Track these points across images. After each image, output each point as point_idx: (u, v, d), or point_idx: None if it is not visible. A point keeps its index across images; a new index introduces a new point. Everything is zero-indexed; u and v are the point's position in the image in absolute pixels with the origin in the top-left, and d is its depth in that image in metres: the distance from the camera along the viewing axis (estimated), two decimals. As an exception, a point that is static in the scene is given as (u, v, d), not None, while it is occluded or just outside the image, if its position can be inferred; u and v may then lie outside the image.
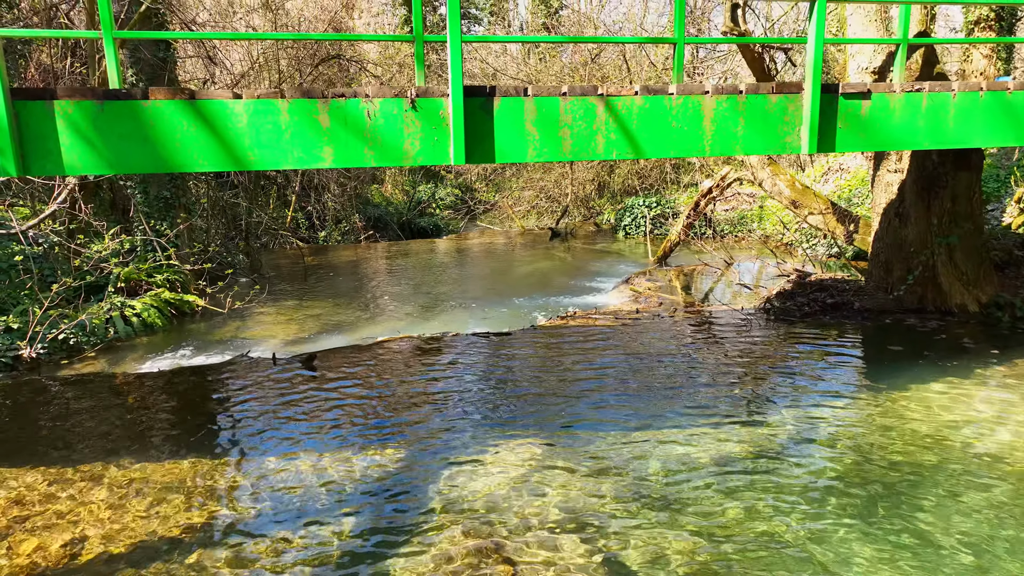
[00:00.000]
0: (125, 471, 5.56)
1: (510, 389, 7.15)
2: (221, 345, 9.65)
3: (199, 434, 6.27)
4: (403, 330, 9.85)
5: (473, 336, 9.11)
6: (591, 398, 6.80)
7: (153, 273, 11.30)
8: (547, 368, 7.79)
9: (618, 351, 8.30)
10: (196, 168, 4.80)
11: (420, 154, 5.12)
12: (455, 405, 6.74)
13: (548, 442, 5.85)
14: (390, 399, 6.97)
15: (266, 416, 6.61)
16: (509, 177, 31.16)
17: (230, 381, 7.68)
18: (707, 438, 5.87)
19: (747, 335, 8.86)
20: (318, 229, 22.79)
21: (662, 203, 20.01)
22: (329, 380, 7.53)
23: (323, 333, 10.24)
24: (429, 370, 7.84)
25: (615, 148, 5.47)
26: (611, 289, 12.34)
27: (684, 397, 6.77)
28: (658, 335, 9.00)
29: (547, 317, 10.10)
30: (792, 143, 5.78)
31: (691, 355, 8.09)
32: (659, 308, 10.19)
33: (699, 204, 13.12)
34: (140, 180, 12.73)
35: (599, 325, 9.44)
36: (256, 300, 11.69)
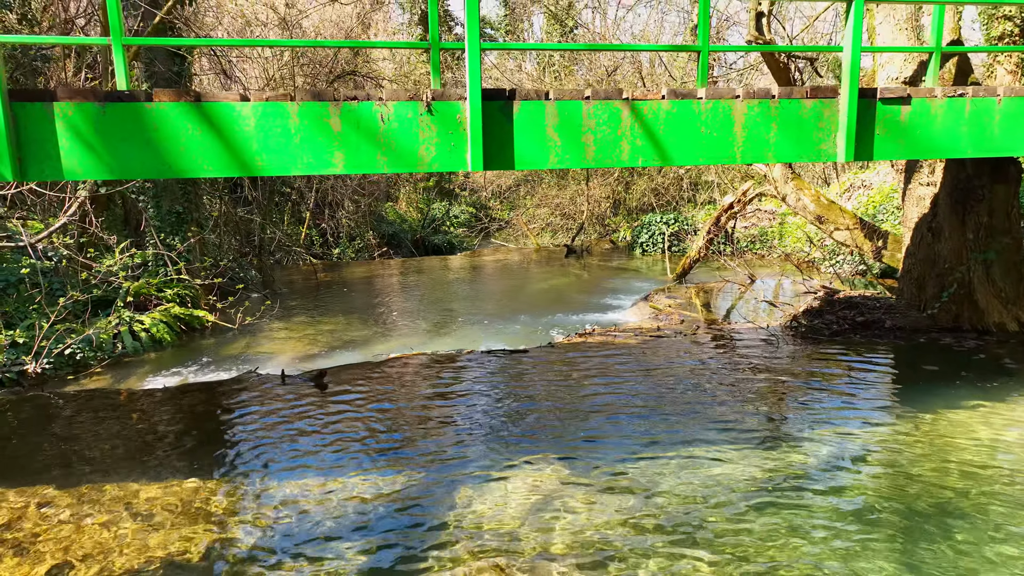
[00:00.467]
0: (123, 491, 5.29)
1: (526, 408, 6.83)
2: (230, 361, 9.42)
3: (203, 453, 5.99)
4: (416, 347, 9.57)
5: (487, 353, 8.81)
6: (611, 418, 6.47)
7: (163, 288, 11.12)
8: (565, 387, 7.47)
9: (639, 369, 7.96)
10: (202, 173, 4.57)
11: (436, 160, 4.87)
12: (469, 425, 6.42)
13: (566, 464, 5.51)
14: (402, 418, 6.68)
15: (273, 435, 6.33)
16: (524, 196, 31.07)
17: (237, 399, 7.42)
18: (733, 461, 5.51)
19: (773, 353, 8.49)
20: (332, 246, 22.69)
21: (680, 220, 19.70)
22: (339, 398, 7.25)
23: (334, 350, 9.98)
24: (442, 388, 7.54)
25: (641, 155, 5.20)
26: (630, 306, 12.01)
27: (708, 418, 6.41)
28: (680, 353, 8.65)
29: (564, 334, 9.79)
30: (827, 150, 5.49)
31: (715, 374, 7.74)
32: (680, 325, 9.85)
33: (720, 219, 12.80)
34: (153, 195, 12.63)
35: (619, 343, 9.11)
36: (267, 316, 11.48)
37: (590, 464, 5.52)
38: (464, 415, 6.69)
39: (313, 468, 5.60)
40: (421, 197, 31.44)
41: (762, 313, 10.63)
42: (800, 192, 11.18)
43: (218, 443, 6.25)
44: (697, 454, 5.66)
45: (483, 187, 33.33)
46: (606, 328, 9.87)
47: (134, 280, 10.86)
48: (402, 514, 4.85)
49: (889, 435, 6.02)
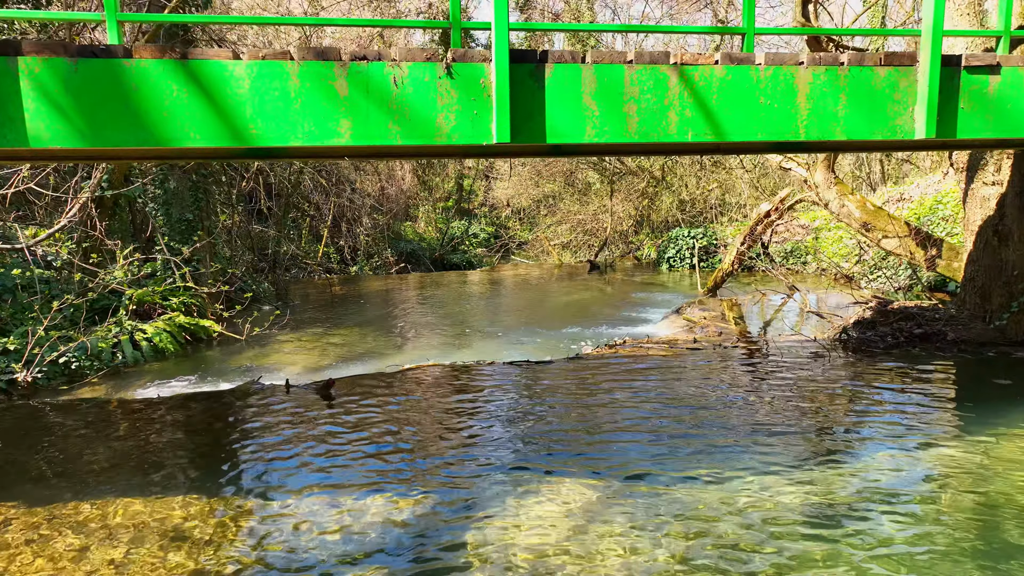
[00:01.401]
0: (100, 511, 4.64)
1: (551, 425, 6.11)
2: (234, 373, 8.81)
3: (195, 470, 5.34)
4: (432, 358, 8.90)
5: (509, 365, 8.11)
6: (646, 436, 5.72)
7: (168, 296, 10.59)
8: (594, 401, 6.74)
9: (675, 384, 7.22)
10: (187, 142, 3.97)
11: (456, 131, 4.24)
12: (489, 442, 5.71)
13: (600, 486, 4.78)
14: (417, 432, 5.98)
15: (275, 451, 5.67)
16: (544, 215, 30.55)
17: (237, 410, 6.78)
18: (781, 485, 4.75)
19: (823, 368, 7.70)
20: (349, 264, 22.24)
21: (708, 234, 18.95)
22: (348, 411, 6.58)
23: (346, 361, 9.34)
24: (460, 402, 6.85)
25: (690, 127, 4.53)
26: (660, 320, 11.27)
27: (753, 437, 5.65)
28: (720, 367, 7.89)
29: (592, 346, 9.06)
30: (903, 126, 4.78)
31: (760, 390, 6.97)
32: (718, 338, 9.09)
33: (755, 229, 12.07)
34: (163, 201, 12.19)
35: (653, 355, 8.37)
36: (276, 327, 10.89)
37: (626, 487, 4.79)
38: (485, 430, 5.98)
39: (318, 488, 4.91)
40: (440, 216, 31.06)
41: (807, 325, 9.84)
42: (844, 198, 10.43)
43: (212, 458, 5.59)
44: (745, 477, 4.90)
45: (503, 206, 32.91)
46: (638, 340, 9.13)
47: (138, 287, 10.34)
48: (414, 543, 4.14)
49: (959, 456, 5.22)
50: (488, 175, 34.71)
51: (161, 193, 12.20)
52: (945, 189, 15.18)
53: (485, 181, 35.04)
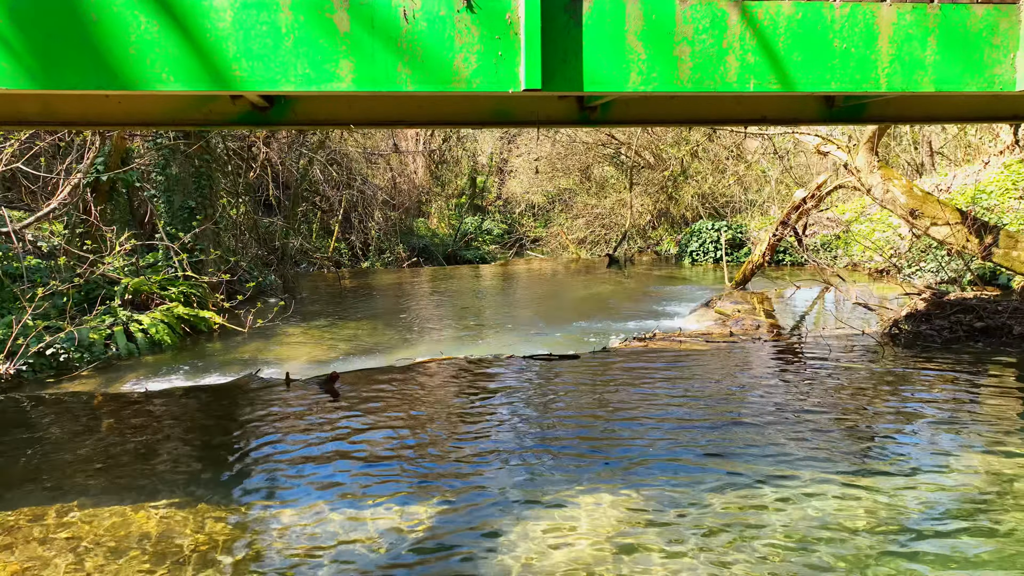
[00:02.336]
0: (78, 516, 4.03)
1: (579, 424, 5.44)
2: (234, 366, 8.21)
3: (181, 473, 4.72)
4: (446, 351, 8.25)
5: (530, 360, 7.44)
6: (684, 439, 5.04)
7: (167, 285, 10.01)
8: (625, 399, 6.06)
9: (713, 380, 6.53)
10: (158, 85, 3.34)
11: (477, 75, 3.57)
12: (509, 446, 5.05)
13: (635, 494, 4.11)
14: (426, 435, 5.33)
15: (270, 452, 5.04)
16: (559, 212, 29.91)
17: (232, 407, 6.17)
18: (844, 495, 4.06)
19: (872, 364, 6.98)
20: (361, 259, 21.70)
21: (733, 227, 18.18)
22: (352, 408, 5.94)
23: (353, 355, 8.72)
24: (475, 399, 6.19)
25: (753, 75, 3.84)
26: (688, 313, 10.56)
27: (801, 440, 4.95)
28: (762, 362, 7.19)
29: (620, 340, 8.37)
30: (1003, 76, 4.06)
31: (807, 387, 6.26)
32: (756, 331, 8.38)
33: (789, 218, 11.33)
34: (164, 188, 11.63)
35: (686, 349, 7.68)
36: (280, 319, 10.29)
37: (665, 495, 4.11)
38: (503, 432, 5.32)
39: (318, 494, 4.28)
40: (453, 212, 30.53)
41: (853, 319, 9.10)
42: (889, 182, 9.68)
43: (202, 460, 4.97)
44: (796, 485, 4.21)
45: (516, 202, 32.28)
46: (669, 333, 8.43)
47: (135, 276, 9.78)
48: (429, 560, 3.49)
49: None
50: (502, 170, 34.10)
51: (162, 179, 11.65)
52: (988, 178, 14.35)
53: (498, 177, 34.45)
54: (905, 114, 6.12)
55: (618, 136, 23.32)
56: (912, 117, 6.40)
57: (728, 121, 6.53)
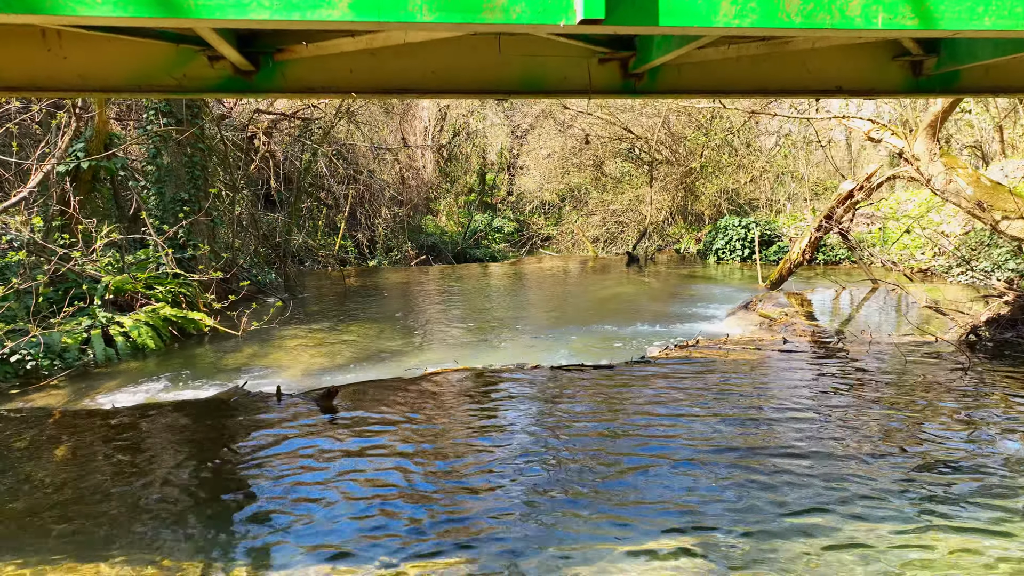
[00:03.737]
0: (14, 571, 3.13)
1: (621, 453, 4.50)
2: (222, 375, 7.32)
3: (142, 519, 3.82)
4: (460, 360, 7.33)
5: (558, 371, 6.50)
6: (745, 470, 4.10)
7: (154, 284, 9.13)
8: (673, 421, 5.11)
9: (776, 400, 5.58)
10: (73, 9, 2.42)
11: (518, 2, 2.64)
12: (543, 484, 4.13)
13: (699, 547, 3.17)
14: (442, 470, 4.41)
15: (251, 492, 4.13)
16: (571, 209, 29.04)
17: (211, 428, 5.25)
18: (954, 546, 3.11)
19: (953, 378, 6.01)
20: (368, 258, 20.85)
21: (761, 224, 17.18)
22: (352, 430, 5.03)
23: (357, 363, 7.82)
24: (499, 420, 5.26)
25: (881, 8, 2.89)
26: (726, 316, 9.61)
27: (899, 477, 4.01)
28: (828, 377, 6.22)
29: (660, 347, 7.42)
30: None
31: (885, 408, 5.31)
32: (811, 337, 7.42)
33: (834, 212, 10.36)
34: (155, 179, 10.76)
35: (734, 359, 6.73)
36: (277, 321, 9.39)
37: (726, 546, 3.18)
38: (533, 464, 4.39)
39: (308, 538, 3.36)
40: (462, 210, 29.69)
41: (912, 322, 8.14)
42: (952, 171, 8.70)
43: (167, 501, 4.06)
44: (904, 535, 3.27)
45: (528, 200, 31.41)
46: (713, 339, 7.48)
47: (119, 274, 8.90)
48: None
49: None
50: (512, 166, 33.20)
51: (153, 169, 10.79)
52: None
53: (508, 173, 33.57)
54: (1003, 84, 5.16)
55: (635, 130, 22.37)
56: (1014, 88, 5.43)
57: (796, 91, 5.55)
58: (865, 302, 10.13)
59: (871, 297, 10.38)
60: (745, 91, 5.44)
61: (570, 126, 24.40)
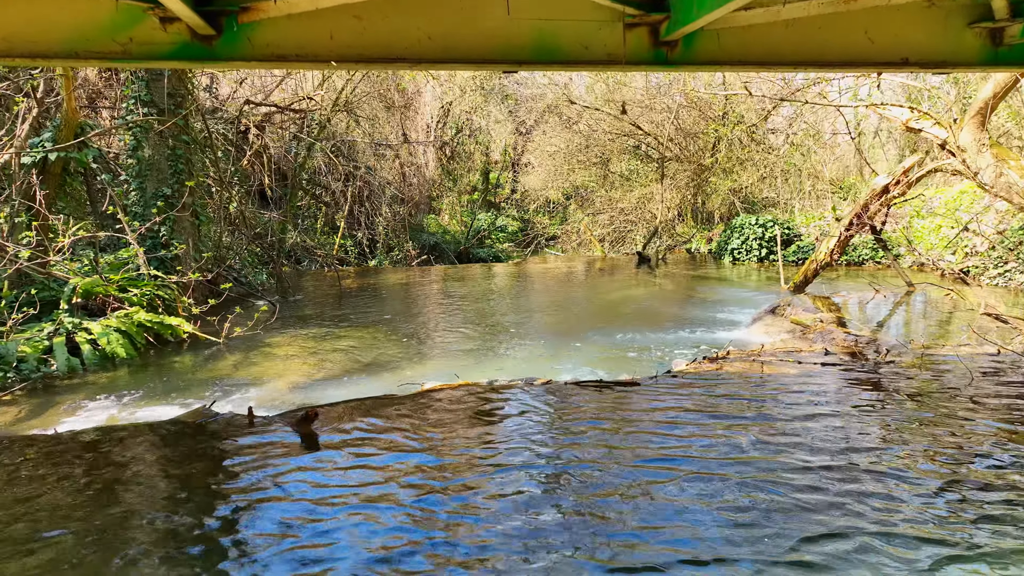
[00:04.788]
0: None
1: (655, 492, 3.73)
2: (196, 389, 6.57)
3: (61, 562, 3.06)
4: (462, 373, 6.57)
5: (575, 387, 5.72)
6: (798, 509, 3.33)
7: (128, 287, 8.38)
8: (713, 451, 4.33)
9: (822, 421, 4.79)
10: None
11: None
12: (560, 523, 3.35)
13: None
14: (440, 520, 3.64)
15: (212, 531, 3.37)
16: (576, 208, 28.35)
17: (167, 459, 4.47)
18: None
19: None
20: (368, 257, 20.12)
21: (780, 223, 16.37)
22: (334, 459, 4.26)
23: (347, 375, 7.06)
24: (503, 447, 4.48)
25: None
26: (751, 322, 8.82)
27: (966, 519, 3.23)
28: (882, 393, 5.43)
29: (686, 359, 6.63)
30: None
31: (953, 429, 4.52)
32: (855, 347, 6.64)
33: (867, 209, 9.56)
34: (136, 173, 10.01)
35: (772, 373, 5.95)
36: (261, 326, 8.64)
37: None
38: (549, 511, 3.61)
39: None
40: (465, 209, 29.01)
41: (955, 331, 7.35)
42: (1004, 164, 7.91)
43: (104, 536, 3.29)
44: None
45: (532, 198, 30.73)
46: (746, 351, 6.69)
47: (92, 275, 8.15)
48: None
49: None
50: (516, 164, 32.48)
51: (133, 163, 10.04)
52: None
53: (512, 172, 32.87)
54: None
55: (644, 126, 21.60)
56: None
57: (856, 63, 4.76)
58: (899, 307, 9.33)
59: (907, 302, 9.58)
60: (796, 62, 4.64)
61: (576, 122, 23.65)
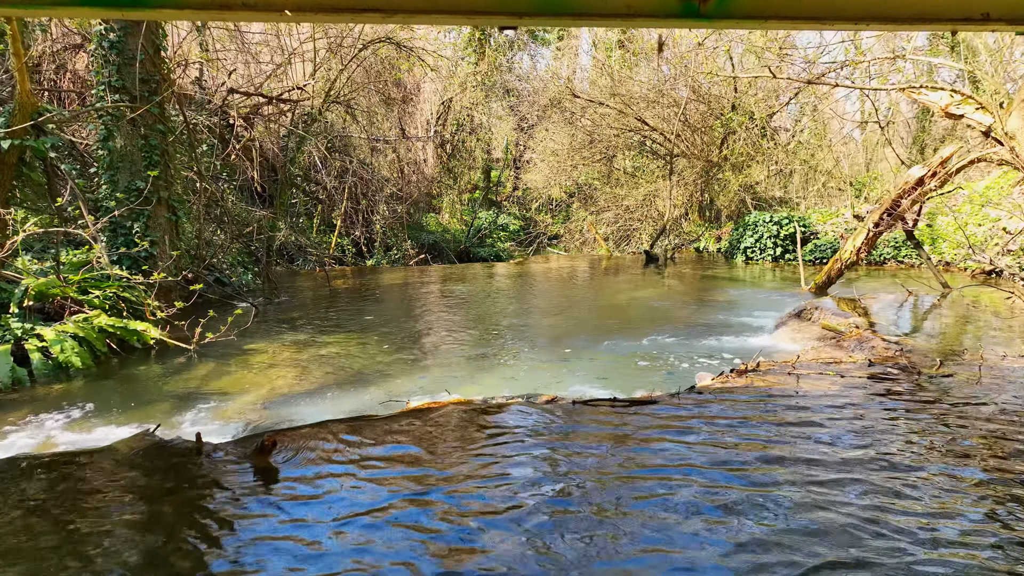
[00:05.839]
0: None
1: (687, 541, 2.95)
2: (156, 406, 5.81)
3: None
4: (457, 385, 5.80)
5: (583, 406, 4.93)
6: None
7: (90, 288, 7.62)
8: (746, 487, 3.55)
9: (877, 451, 4.01)
10: None
11: None
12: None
13: None
14: (420, 562, 2.86)
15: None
16: (578, 208, 27.56)
17: (96, 498, 3.70)
18: None
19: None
20: (366, 257, 19.38)
21: (794, 219, 15.57)
22: (293, 503, 3.48)
23: (328, 387, 6.30)
24: (497, 484, 3.70)
25: None
26: (775, 328, 8.04)
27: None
28: (949, 416, 4.64)
29: (711, 373, 5.84)
30: None
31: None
32: (898, 358, 5.86)
33: (898, 204, 8.78)
34: (108, 163, 9.26)
35: (810, 389, 5.16)
36: (234, 332, 7.87)
37: None
38: (553, 552, 2.84)
39: None
40: (465, 207, 28.30)
41: (997, 339, 6.58)
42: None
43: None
44: None
45: (535, 196, 30.01)
46: (778, 361, 5.89)
47: (50, 274, 7.39)
48: None
49: None
50: (517, 161, 31.73)
51: (104, 154, 9.29)
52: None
53: (514, 170, 32.13)
54: None
55: (649, 120, 20.81)
56: None
57: (928, 19, 3.94)
58: (937, 310, 8.53)
59: (944, 305, 8.79)
60: (855, 18, 3.81)
61: (579, 118, 22.87)
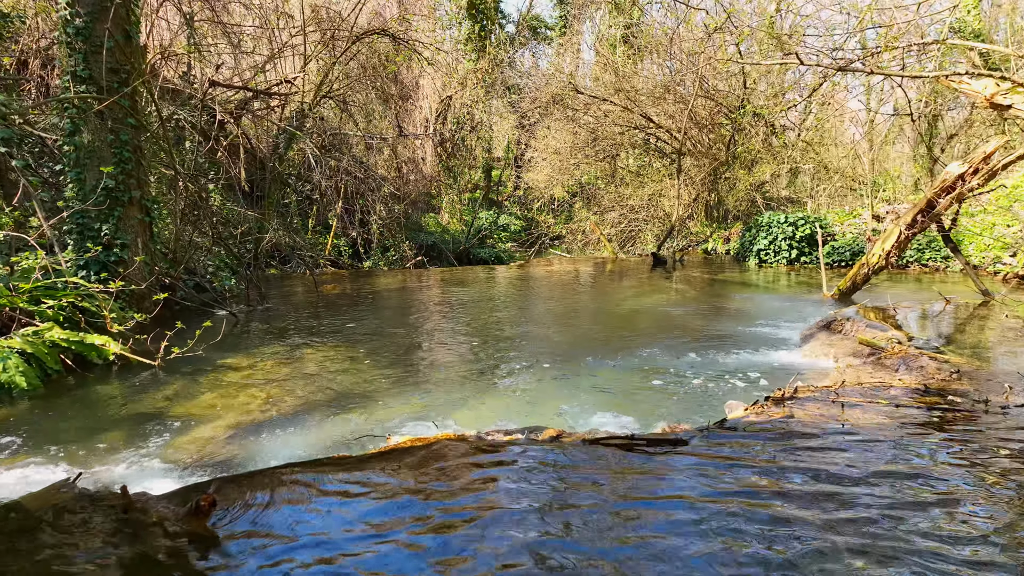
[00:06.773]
0: None
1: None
2: (106, 434, 5.07)
3: None
4: (449, 409, 5.04)
5: (595, 447, 4.15)
6: None
7: (43, 298, 6.87)
8: (815, 558, 2.79)
9: (960, 509, 3.25)
10: None
11: None
12: None
13: None
14: None
15: None
16: (580, 208, 26.83)
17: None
18: None
19: None
20: (362, 258, 18.66)
21: (815, 220, 14.77)
22: (240, 566, 2.73)
23: (302, 413, 5.55)
24: (491, 555, 2.94)
25: None
26: (802, 341, 7.28)
27: None
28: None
29: (743, 402, 5.07)
30: None
31: None
32: (953, 380, 5.09)
33: (935, 203, 8.02)
34: (74, 160, 8.51)
35: (860, 424, 4.39)
36: (203, 348, 7.13)
37: None
38: None
39: None
40: (466, 207, 27.61)
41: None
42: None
43: None
44: None
45: (537, 196, 29.31)
46: (819, 386, 5.12)
47: None
48: None
49: None
50: (519, 160, 31.01)
51: (70, 149, 8.55)
52: None
53: (515, 169, 31.42)
54: None
55: (654, 117, 20.05)
56: None
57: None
58: (983, 322, 7.76)
59: (988, 315, 8.01)
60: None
61: (582, 114, 22.12)
